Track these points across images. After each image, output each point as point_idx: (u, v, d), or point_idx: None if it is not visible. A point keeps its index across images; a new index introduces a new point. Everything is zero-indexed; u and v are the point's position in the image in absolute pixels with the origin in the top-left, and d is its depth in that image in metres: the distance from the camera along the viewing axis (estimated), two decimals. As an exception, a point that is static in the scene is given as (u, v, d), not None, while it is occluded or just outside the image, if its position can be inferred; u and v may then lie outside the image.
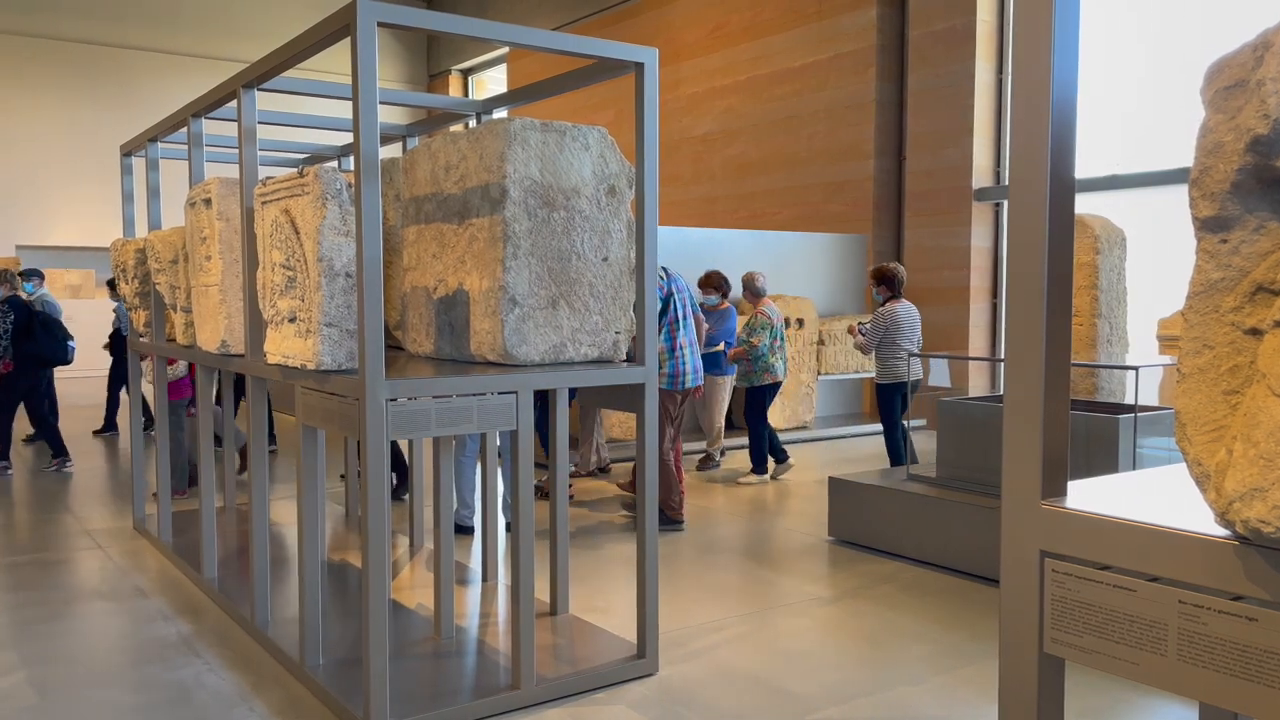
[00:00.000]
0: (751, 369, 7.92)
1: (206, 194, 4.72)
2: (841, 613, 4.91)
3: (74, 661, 4.27)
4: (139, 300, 6.16)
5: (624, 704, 3.81)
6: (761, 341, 7.83)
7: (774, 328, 7.94)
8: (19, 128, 17.98)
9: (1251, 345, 1.46)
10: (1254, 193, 1.46)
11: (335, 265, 3.61)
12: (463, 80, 21.78)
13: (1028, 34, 1.69)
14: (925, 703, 3.84)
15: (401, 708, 3.55)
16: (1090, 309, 7.11)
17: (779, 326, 8.02)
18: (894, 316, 7.45)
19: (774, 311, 8.05)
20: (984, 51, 11.34)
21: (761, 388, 7.97)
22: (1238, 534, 1.44)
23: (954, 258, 11.57)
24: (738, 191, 14.15)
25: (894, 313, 7.47)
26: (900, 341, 7.45)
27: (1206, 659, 1.49)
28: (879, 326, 7.47)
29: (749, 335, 7.89)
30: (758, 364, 7.90)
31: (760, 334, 7.84)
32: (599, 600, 5.04)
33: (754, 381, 7.94)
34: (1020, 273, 1.72)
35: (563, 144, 3.84)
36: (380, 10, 3.31)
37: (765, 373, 7.92)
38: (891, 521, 5.89)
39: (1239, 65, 1.45)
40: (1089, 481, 1.86)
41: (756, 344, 7.82)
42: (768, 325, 7.89)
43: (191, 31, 19.33)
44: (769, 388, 8.04)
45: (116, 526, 6.70)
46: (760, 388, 7.97)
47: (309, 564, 3.98)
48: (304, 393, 3.85)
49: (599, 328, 3.97)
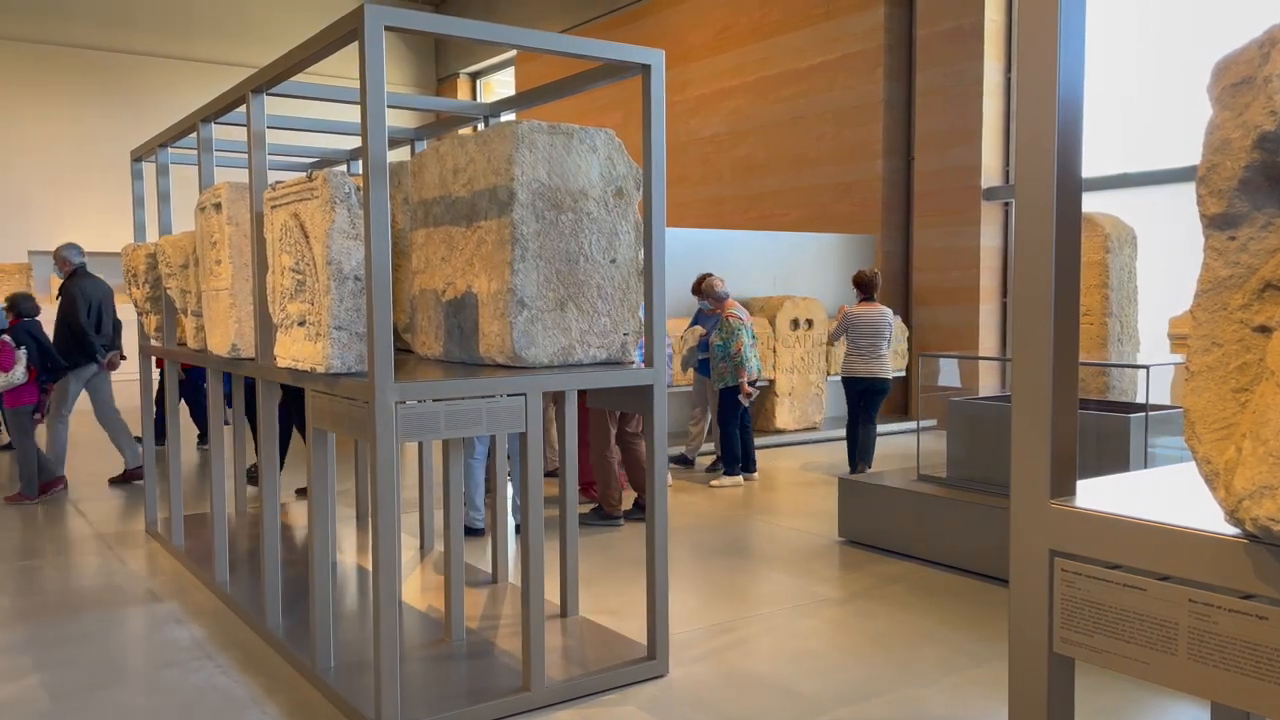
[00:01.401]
0: (727, 370, 7.92)
1: (216, 199, 4.75)
2: (852, 614, 4.91)
3: (87, 665, 4.29)
4: (150, 305, 6.19)
5: (634, 705, 3.81)
6: (744, 345, 7.86)
7: (746, 327, 7.97)
8: (30, 134, 18.08)
9: (1260, 342, 1.46)
10: (1262, 189, 1.45)
11: (344, 269, 3.63)
12: (471, 83, 21.83)
13: (1033, 31, 1.68)
14: (936, 704, 3.83)
15: (412, 710, 3.56)
16: (1101, 308, 7.08)
17: (749, 325, 8.07)
18: (852, 318, 8.03)
19: (743, 312, 8.12)
20: (992, 51, 11.31)
21: (735, 388, 7.98)
22: (1247, 532, 1.43)
23: (963, 258, 11.54)
24: (746, 192, 14.14)
25: (853, 315, 8.04)
26: (857, 340, 7.97)
27: (1217, 658, 1.48)
28: (840, 325, 8.16)
29: (727, 342, 7.88)
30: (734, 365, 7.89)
31: (739, 337, 7.86)
32: (609, 602, 5.04)
33: (729, 382, 7.94)
34: (1027, 272, 1.72)
35: (570, 146, 3.85)
36: (388, 14, 3.32)
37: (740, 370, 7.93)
38: (902, 522, 5.88)
39: (1246, 62, 1.44)
40: (1098, 481, 1.85)
41: (740, 348, 7.84)
42: (741, 327, 7.92)
43: (201, 37, 19.42)
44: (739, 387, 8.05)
45: (128, 530, 6.74)
46: (734, 388, 7.98)
47: (319, 567, 3.99)
48: (314, 396, 3.87)
49: (607, 329, 3.98)
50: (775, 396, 10.47)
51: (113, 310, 8.16)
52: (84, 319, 7.75)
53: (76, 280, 7.92)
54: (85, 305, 7.79)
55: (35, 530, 6.79)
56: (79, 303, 7.75)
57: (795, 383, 10.59)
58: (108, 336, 8.03)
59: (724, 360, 7.94)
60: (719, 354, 7.97)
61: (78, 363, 7.82)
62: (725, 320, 7.99)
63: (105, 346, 7.98)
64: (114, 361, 8.16)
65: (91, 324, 7.83)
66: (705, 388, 8.69)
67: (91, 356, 7.84)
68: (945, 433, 6.18)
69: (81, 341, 7.76)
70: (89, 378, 7.96)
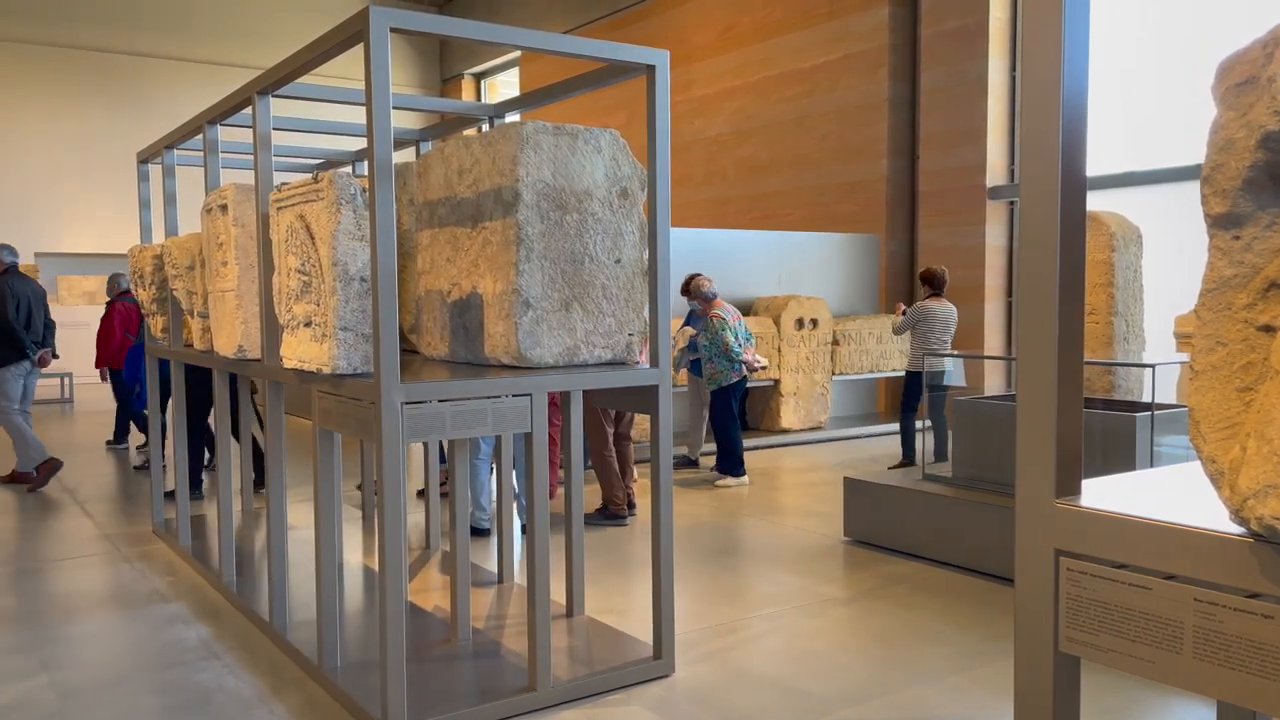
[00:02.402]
0: (717, 371, 7.91)
1: (222, 200, 4.76)
2: (857, 613, 4.91)
3: (95, 665, 4.30)
4: (156, 306, 6.21)
5: (640, 705, 3.81)
6: (730, 343, 7.82)
7: (730, 326, 7.92)
8: (35, 136, 18.14)
9: (1265, 342, 1.46)
10: (1266, 189, 1.45)
11: (350, 270, 3.64)
12: (475, 84, 21.85)
13: (1038, 30, 1.69)
14: (941, 703, 3.83)
15: (419, 709, 3.57)
16: (1106, 307, 7.07)
17: (736, 323, 8.02)
18: (927, 311, 8.11)
19: (728, 311, 8.06)
20: (997, 49, 11.29)
21: (728, 388, 7.96)
22: (1252, 531, 1.44)
23: (969, 257, 11.52)
24: (750, 192, 14.14)
25: (928, 308, 8.13)
26: (929, 335, 8.03)
27: (1223, 657, 1.49)
28: (911, 317, 8.22)
29: (714, 338, 7.84)
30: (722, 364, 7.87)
31: (724, 335, 7.82)
32: (615, 602, 5.05)
33: (721, 384, 7.93)
34: (1032, 271, 1.72)
35: (575, 147, 3.86)
36: (393, 16, 3.33)
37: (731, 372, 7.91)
38: (907, 521, 5.88)
39: (1250, 62, 1.45)
40: (1103, 480, 1.86)
41: (730, 342, 7.81)
42: (724, 326, 7.88)
43: (206, 39, 19.46)
44: (735, 386, 8.02)
45: (135, 530, 6.76)
46: (727, 388, 7.96)
47: (326, 567, 4.00)
48: (320, 397, 3.88)
49: (612, 330, 3.98)
50: (780, 396, 10.47)
51: (45, 310, 8.48)
52: (12, 315, 8.03)
53: (6, 279, 8.19)
54: (14, 302, 8.07)
55: (42, 530, 6.82)
56: (8, 300, 8.03)
57: (800, 382, 10.58)
58: (38, 334, 8.32)
59: (712, 361, 7.91)
60: (707, 354, 7.96)
61: (8, 359, 8.10)
62: (709, 320, 7.97)
63: (36, 344, 8.28)
64: (45, 359, 8.45)
65: (21, 320, 8.11)
66: (699, 388, 8.69)
67: (23, 353, 8.14)
68: (951, 432, 6.18)
69: (11, 337, 8.06)
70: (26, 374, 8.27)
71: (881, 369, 11.30)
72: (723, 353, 7.83)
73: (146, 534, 6.64)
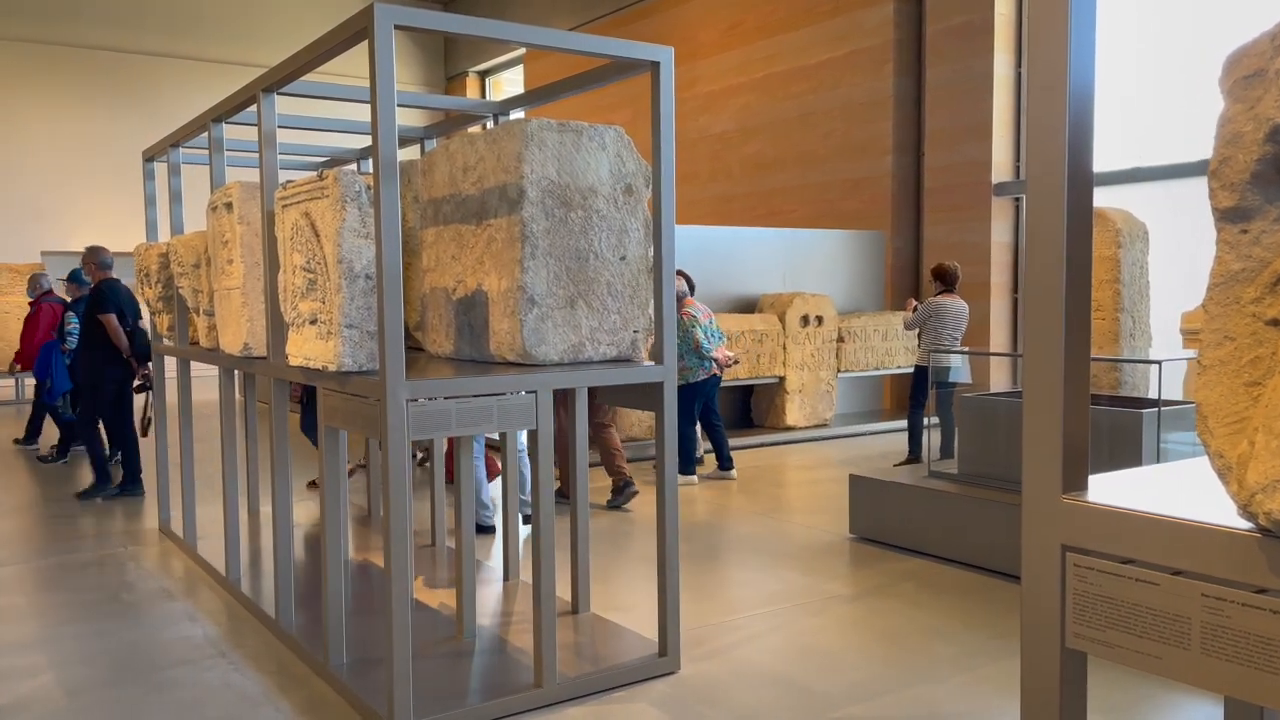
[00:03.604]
0: (685, 368, 7.87)
1: (228, 198, 4.77)
2: (863, 610, 4.90)
3: (101, 663, 4.32)
4: (162, 304, 6.22)
5: (646, 702, 3.81)
6: (702, 338, 7.78)
7: (701, 324, 7.87)
8: (41, 135, 18.18)
9: (1273, 336, 1.45)
10: (1274, 183, 1.45)
11: (355, 267, 3.64)
12: (480, 82, 21.85)
13: (1044, 25, 1.68)
14: (948, 701, 3.82)
15: (424, 706, 3.57)
16: (1112, 303, 7.05)
17: (708, 323, 7.96)
18: (938, 307, 8.14)
19: (699, 310, 7.99)
20: (1002, 45, 11.27)
21: (692, 386, 7.89)
22: (1260, 526, 1.43)
23: (974, 253, 11.50)
24: (755, 189, 14.13)
25: (940, 304, 8.15)
26: (941, 331, 8.06)
27: (1230, 652, 1.48)
28: (923, 313, 8.25)
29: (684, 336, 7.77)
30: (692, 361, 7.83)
31: (694, 334, 7.77)
32: (620, 599, 5.05)
33: (688, 379, 7.87)
34: (1038, 268, 1.71)
35: (579, 144, 3.85)
36: (397, 13, 3.33)
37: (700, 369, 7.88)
38: (913, 518, 5.87)
39: (1258, 55, 1.44)
40: (1110, 475, 1.85)
41: (701, 339, 7.77)
42: (694, 324, 7.81)
43: (211, 37, 19.48)
44: (703, 384, 7.97)
45: (141, 528, 6.77)
46: (693, 385, 7.89)
47: (332, 564, 4.01)
48: (326, 394, 3.88)
49: (617, 327, 3.98)
50: (785, 393, 10.46)
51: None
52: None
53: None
54: None
55: (48, 530, 6.84)
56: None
57: (805, 379, 10.57)
58: None
59: (682, 358, 7.83)
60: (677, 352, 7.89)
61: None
62: (680, 318, 7.92)
63: None
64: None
65: None
66: None
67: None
68: (956, 429, 6.17)
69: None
70: None
71: (886, 366, 11.28)
72: (692, 350, 7.81)
73: (153, 532, 6.66)
